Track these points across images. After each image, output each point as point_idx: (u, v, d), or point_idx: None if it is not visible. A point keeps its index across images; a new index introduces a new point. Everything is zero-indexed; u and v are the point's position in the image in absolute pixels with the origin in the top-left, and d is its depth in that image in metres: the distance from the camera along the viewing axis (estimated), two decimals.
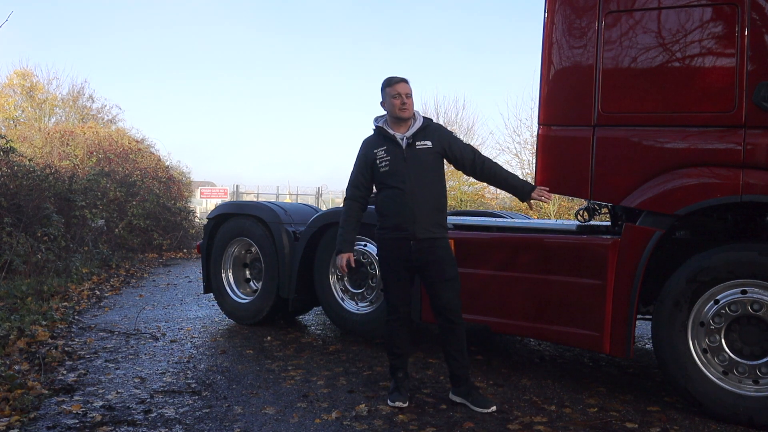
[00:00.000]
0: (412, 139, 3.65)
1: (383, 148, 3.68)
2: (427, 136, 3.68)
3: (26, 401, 3.58)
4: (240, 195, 26.24)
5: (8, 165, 8.86)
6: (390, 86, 3.68)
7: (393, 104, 3.66)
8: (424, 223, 3.59)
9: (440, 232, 3.67)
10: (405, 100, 3.63)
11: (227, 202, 6.83)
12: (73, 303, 6.81)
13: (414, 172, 3.61)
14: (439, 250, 3.63)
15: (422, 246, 3.60)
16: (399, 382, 3.76)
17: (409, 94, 3.67)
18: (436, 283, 3.63)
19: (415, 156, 3.64)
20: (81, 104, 23.43)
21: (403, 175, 3.61)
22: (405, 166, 3.62)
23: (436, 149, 3.68)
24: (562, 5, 4.07)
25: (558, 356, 5.04)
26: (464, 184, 19.53)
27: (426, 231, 3.60)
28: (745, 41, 3.52)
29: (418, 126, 3.68)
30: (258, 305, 5.85)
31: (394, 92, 3.65)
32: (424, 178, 3.62)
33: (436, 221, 3.65)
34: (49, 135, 15.98)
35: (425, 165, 3.64)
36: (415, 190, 3.59)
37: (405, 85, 3.68)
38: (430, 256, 3.61)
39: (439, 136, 3.71)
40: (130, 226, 12.76)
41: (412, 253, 3.61)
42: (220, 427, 3.33)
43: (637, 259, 3.70)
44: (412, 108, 3.68)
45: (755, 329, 3.45)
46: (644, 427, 3.42)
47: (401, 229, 3.61)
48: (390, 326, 3.78)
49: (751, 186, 3.44)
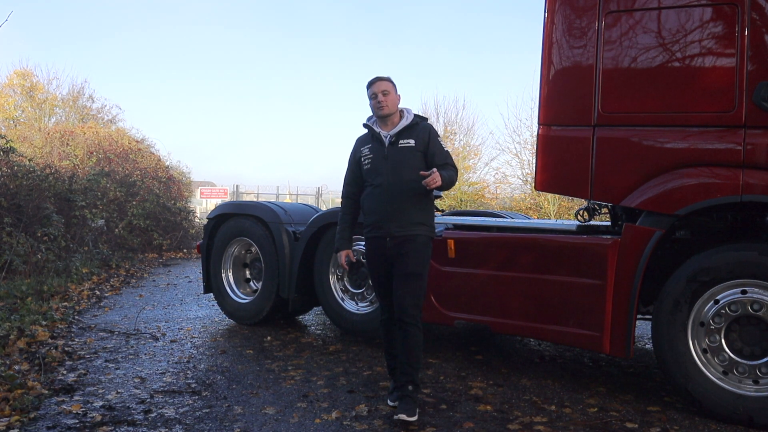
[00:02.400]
0: (396, 137, 3.64)
1: (368, 146, 3.71)
2: (412, 134, 3.65)
3: (26, 401, 3.58)
4: (240, 195, 26.23)
5: (8, 165, 8.86)
6: (368, 87, 3.70)
7: (372, 104, 3.69)
8: (400, 221, 3.56)
9: (418, 230, 3.59)
10: (381, 99, 3.62)
11: (227, 202, 6.83)
12: (73, 303, 6.81)
13: (393, 170, 3.58)
14: (410, 245, 3.55)
15: (397, 242, 3.57)
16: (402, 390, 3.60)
17: (387, 91, 3.63)
18: (396, 276, 3.58)
19: (396, 154, 3.61)
20: (81, 104, 23.43)
21: (382, 172, 3.60)
22: (385, 163, 3.61)
23: (418, 148, 3.63)
24: (562, 5, 4.07)
25: (558, 356, 5.04)
26: (464, 184, 19.53)
27: (402, 229, 3.56)
28: (745, 41, 3.52)
29: (404, 124, 3.66)
30: (258, 305, 5.85)
31: (371, 92, 3.67)
32: (403, 175, 3.56)
33: (416, 220, 3.59)
34: (49, 135, 15.99)
35: (406, 163, 3.58)
36: (392, 188, 3.56)
37: (381, 83, 3.65)
38: (400, 251, 3.56)
39: (424, 136, 3.65)
40: (130, 226, 12.76)
41: (387, 250, 3.60)
42: (220, 427, 3.33)
43: (637, 259, 3.70)
44: (393, 105, 3.66)
45: (755, 329, 3.45)
46: (644, 427, 3.42)
47: (378, 227, 3.61)
48: (383, 326, 3.78)
49: (751, 186, 3.44)
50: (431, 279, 4.63)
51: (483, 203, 18.76)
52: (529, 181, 18.43)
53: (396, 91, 3.70)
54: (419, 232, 3.59)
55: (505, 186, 20.76)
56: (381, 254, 3.64)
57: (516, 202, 18.91)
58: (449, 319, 4.55)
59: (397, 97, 3.70)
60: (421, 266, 3.59)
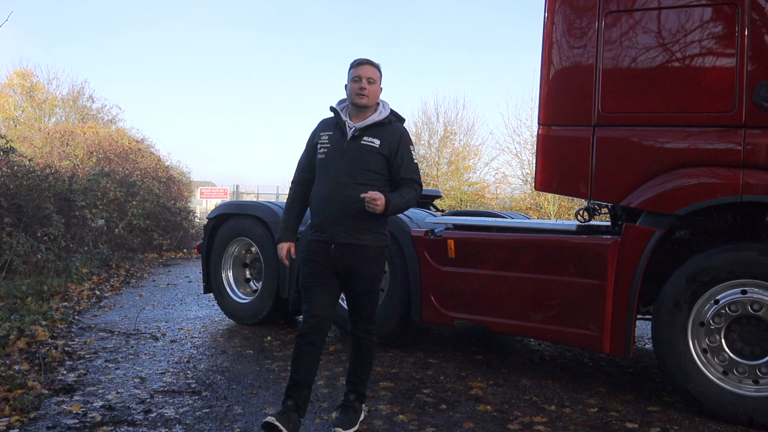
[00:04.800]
0: (361, 132, 3.20)
1: (329, 133, 3.28)
2: (380, 134, 3.21)
3: (26, 401, 3.58)
4: (240, 195, 26.22)
5: (8, 165, 8.86)
6: (354, 67, 3.24)
7: (352, 87, 3.22)
8: (347, 226, 3.14)
9: (367, 239, 3.18)
10: (365, 86, 3.18)
11: (227, 202, 6.83)
12: (73, 303, 6.81)
13: (347, 169, 3.15)
14: (360, 262, 3.17)
15: (343, 251, 3.16)
16: (286, 408, 3.14)
17: (372, 79, 3.20)
18: (350, 295, 3.29)
19: (355, 151, 3.18)
20: (81, 104, 23.40)
21: (335, 168, 3.17)
22: (340, 159, 3.18)
23: (382, 151, 3.19)
24: (562, 5, 4.07)
25: (558, 356, 5.04)
26: (464, 184, 19.55)
27: (348, 236, 3.15)
28: (745, 41, 3.52)
29: (375, 119, 3.23)
30: (258, 305, 5.85)
31: (356, 74, 3.20)
32: (358, 177, 3.14)
33: (366, 227, 3.17)
34: (49, 135, 15.99)
35: (363, 164, 3.16)
36: (340, 189, 3.13)
37: (369, 68, 3.22)
38: (349, 265, 3.17)
39: (392, 140, 3.22)
40: (130, 226, 12.76)
41: (332, 258, 3.18)
42: (220, 427, 3.33)
43: (637, 259, 3.70)
44: (374, 97, 3.24)
45: (755, 329, 3.46)
46: (644, 427, 3.42)
47: (322, 230, 3.19)
48: (297, 342, 3.22)
49: (751, 186, 3.44)
50: (431, 279, 4.65)
51: (483, 203, 18.78)
52: (529, 181, 18.45)
53: (381, 82, 3.29)
54: (368, 242, 3.19)
55: (505, 186, 20.81)
56: (323, 259, 3.20)
57: (516, 202, 18.93)
58: (449, 319, 4.55)
59: (380, 89, 3.30)
60: (373, 283, 3.26)
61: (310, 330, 3.18)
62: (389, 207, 3.08)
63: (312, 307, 3.20)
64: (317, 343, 3.22)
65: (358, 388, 3.35)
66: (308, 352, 3.20)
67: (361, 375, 3.35)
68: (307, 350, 3.19)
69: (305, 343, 3.20)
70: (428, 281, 4.66)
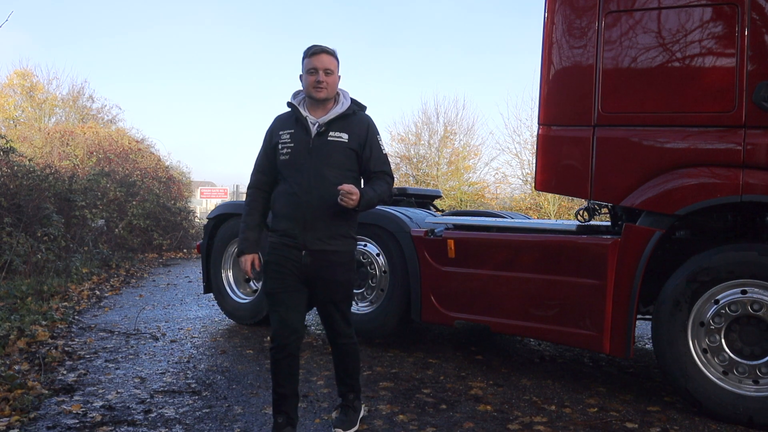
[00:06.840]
0: (326, 127, 2.98)
1: (290, 131, 3.02)
2: (346, 127, 3.00)
3: (26, 401, 3.58)
4: (240, 195, 26.18)
5: (8, 165, 8.86)
6: (308, 57, 2.97)
7: (307, 80, 2.97)
8: (317, 232, 2.94)
9: (339, 244, 3.00)
10: (322, 78, 2.93)
11: (227, 202, 6.82)
12: (73, 303, 6.82)
13: (316, 169, 2.93)
14: (332, 269, 3.00)
15: (316, 258, 2.97)
16: (278, 427, 3.02)
17: (331, 70, 2.96)
18: (325, 303, 3.10)
19: (323, 148, 2.95)
20: (81, 104, 23.40)
21: (303, 169, 2.95)
22: (308, 159, 2.95)
23: (351, 146, 2.99)
24: (562, 5, 4.07)
25: (558, 356, 5.04)
26: (464, 184, 19.55)
27: (319, 242, 2.95)
28: (745, 41, 3.52)
29: (338, 111, 3.01)
30: (258, 305, 5.85)
31: (311, 65, 2.95)
32: (329, 177, 2.93)
33: (336, 231, 2.98)
34: (49, 135, 15.99)
35: (333, 161, 2.95)
36: (312, 191, 2.92)
37: (325, 57, 2.96)
38: (321, 271, 2.99)
39: (360, 132, 3.02)
40: (130, 226, 12.77)
41: (303, 265, 2.98)
42: (220, 427, 3.33)
43: (637, 259, 3.70)
44: (332, 88, 3.00)
45: (755, 329, 3.46)
46: (644, 427, 3.42)
47: (291, 236, 2.97)
48: (275, 354, 3.02)
49: (751, 186, 3.44)
50: (431, 279, 4.65)
51: (483, 203, 18.79)
52: (529, 181, 18.46)
53: (338, 70, 3.03)
54: (340, 247, 3.01)
55: (505, 186, 20.83)
56: (292, 265, 2.99)
57: (516, 202, 18.94)
58: (449, 319, 4.55)
59: (338, 77, 3.04)
60: (347, 288, 3.10)
61: (286, 342, 2.99)
62: (362, 202, 2.88)
63: (285, 317, 3.00)
64: (295, 354, 3.05)
65: (353, 386, 3.29)
66: (288, 364, 3.03)
67: (351, 373, 3.26)
68: (286, 362, 3.02)
69: (283, 356, 3.00)
70: (428, 281, 4.66)
